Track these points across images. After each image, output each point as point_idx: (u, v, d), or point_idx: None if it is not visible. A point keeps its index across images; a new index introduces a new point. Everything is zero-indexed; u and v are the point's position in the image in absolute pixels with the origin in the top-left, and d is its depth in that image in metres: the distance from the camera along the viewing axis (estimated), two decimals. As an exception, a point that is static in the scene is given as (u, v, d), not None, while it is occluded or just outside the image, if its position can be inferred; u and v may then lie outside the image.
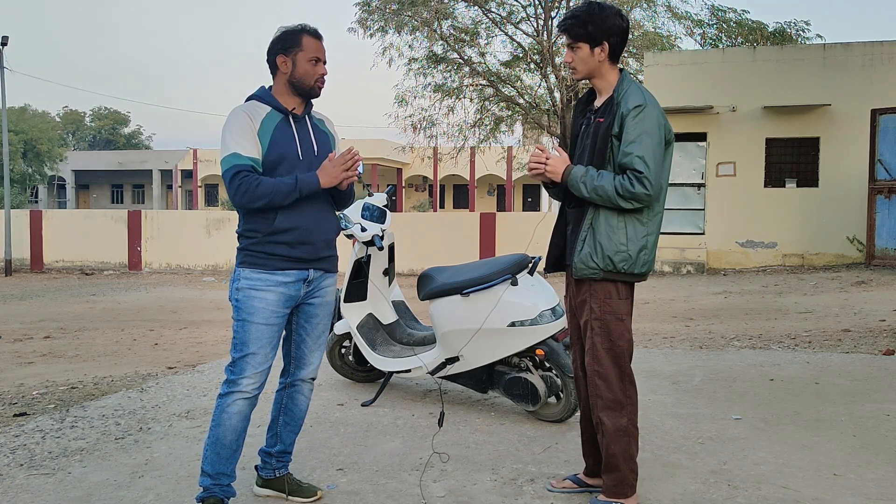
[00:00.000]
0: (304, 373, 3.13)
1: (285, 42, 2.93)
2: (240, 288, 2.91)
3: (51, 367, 6.50)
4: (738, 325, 7.97)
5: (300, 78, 2.93)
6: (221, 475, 2.94)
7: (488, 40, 20.48)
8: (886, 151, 12.23)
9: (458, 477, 3.34)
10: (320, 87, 2.97)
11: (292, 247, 2.91)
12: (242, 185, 2.80)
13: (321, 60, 2.94)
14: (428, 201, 44.20)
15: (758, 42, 19.56)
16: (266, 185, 2.81)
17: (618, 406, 2.88)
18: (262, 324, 2.90)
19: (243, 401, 2.93)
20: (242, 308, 2.90)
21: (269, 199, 2.82)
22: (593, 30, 2.83)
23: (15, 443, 3.91)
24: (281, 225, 2.88)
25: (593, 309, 2.90)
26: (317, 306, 3.08)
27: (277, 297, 2.92)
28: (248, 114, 2.88)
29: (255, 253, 2.91)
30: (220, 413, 2.93)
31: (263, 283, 2.90)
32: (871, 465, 3.42)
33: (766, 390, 4.77)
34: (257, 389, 2.95)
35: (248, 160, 2.83)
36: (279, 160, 2.89)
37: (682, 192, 14.45)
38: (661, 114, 2.83)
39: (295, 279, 2.95)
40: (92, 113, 64.51)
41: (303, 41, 2.91)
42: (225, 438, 2.92)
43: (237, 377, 2.91)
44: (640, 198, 2.75)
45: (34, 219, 18.08)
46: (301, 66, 2.91)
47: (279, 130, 2.91)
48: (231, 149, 2.84)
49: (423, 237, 15.20)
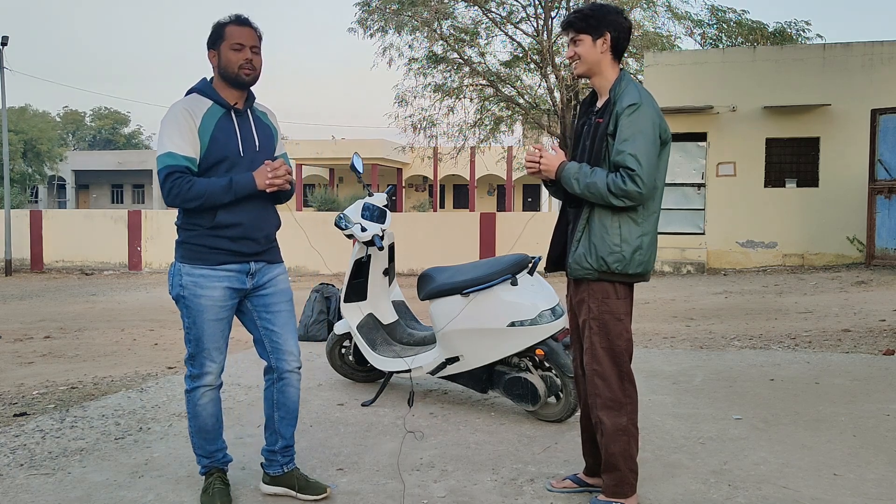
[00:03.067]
0: (288, 363, 3.08)
1: (212, 37, 2.91)
2: (184, 285, 2.90)
3: (51, 367, 6.50)
4: (739, 325, 7.97)
5: (224, 67, 2.88)
6: (215, 452, 3.11)
7: (488, 40, 20.48)
8: (886, 151, 12.23)
9: (458, 477, 3.34)
10: (247, 73, 2.89)
11: (234, 241, 2.90)
12: (175, 187, 2.77)
13: (245, 46, 2.87)
14: (428, 201, 44.16)
15: (758, 42, 19.57)
16: (198, 188, 2.78)
17: (617, 405, 2.88)
18: (212, 320, 2.93)
19: (210, 391, 3.03)
20: (191, 307, 2.91)
21: (202, 202, 2.80)
22: (595, 22, 2.87)
23: (15, 443, 3.91)
24: (222, 221, 2.86)
25: (591, 308, 2.90)
26: (272, 295, 3.05)
27: (223, 293, 2.92)
28: (188, 110, 2.83)
29: (195, 246, 2.90)
30: (193, 407, 3.04)
31: (207, 279, 2.89)
32: (871, 465, 3.42)
33: (766, 390, 4.77)
34: (219, 378, 3.05)
35: (183, 160, 2.79)
36: (220, 158, 2.85)
37: (682, 192, 14.45)
38: (656, 113, 2.84)
39: (237, 272, 2.94)
40: (92, 113, 64.65)
41: (226, 31, 2.88)
42: (206, 424, 3.05)
43: (199, 371, 3.00)
44: (632, 196, 2.75)
45: (34, 219, 18.08)
46: (224, 55, 2.88)
47: (220, 126, 2.87)
48: (166, 147, 2.80)
49: (423, 237, 15.19)
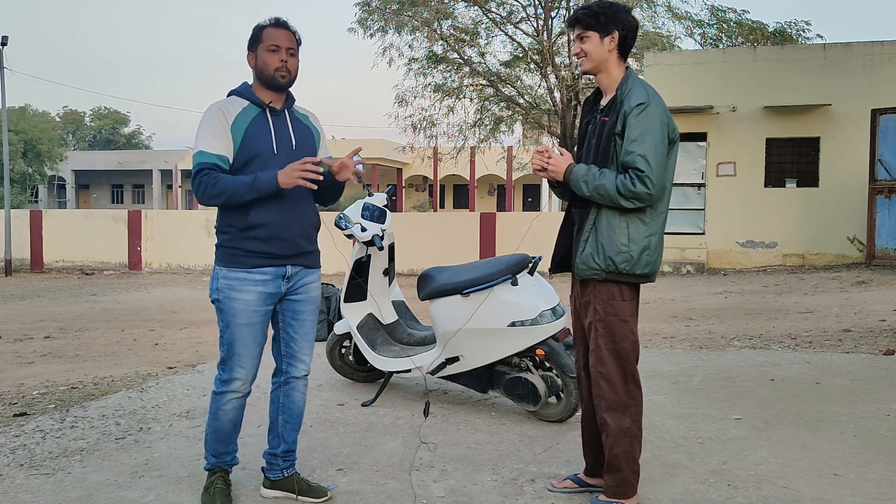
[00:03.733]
0: (298, 370, 3.13)
1: (250, 39, 2.95)
2: (219, 288, 2.94)
3: (51, 367, 6.49)
4: (739, 325, 7.97)
5: (261, 69, 2.92)
6: (225, 454, 3.13)
7: (488, 40, 20.45)
8: (886, 151, 12.24)
9: (459, 477, 3.34)
10: (282, 76, 2.91)
11: (266, 242, 2.91)
12: (202, 183, 2.83)
13: (281, 48, 2.90)
14: (428, 201, 44.17)
15: (758, 42, 19.56)
16: (223, 184, 2.82)
17: (621, 407, 2.86)
18: (245, 324, 2.93)
19: (237, 399, 3.04)
20: (225, 310, 2.94)
21: (225, 198, 2.84)
22: (604, 19, 2.83)
23: (15, 443, 3.90)
24: (254, 220, 2.89)
25: (597, 310, 2.88)
26: (302, 303, 3.07)
27: (257, 297, 2.92)
28: (222, 110, 2.88)
29: (231, 249, 2.94)
30: (216, 410, 3.05)
31: (241, 282, 2.91)
32: (871, 465, 3.41)
33: (766, 390, 4.77)
34: (248, 386, 3.05)
35: (213, 157, 2.84)
36: (252, 155, 2.88)
37: (683, 191, 14.45)
38: (665, 112, 2.81)
39: (273, 276, 2.94)
40: (92, 113, 64.56)
41: (263, 34, 2.92)
42: (223, 428, 3.07)
43: (229, 376, 3.00)
44: (642, 197, 2.73)
45: (34, 219, 18.06)
46: (261, 57, 2.91)
47: (255, 125, 2.90)
48: (198, 146, 2.87)
49: (423, 237, 15.19)
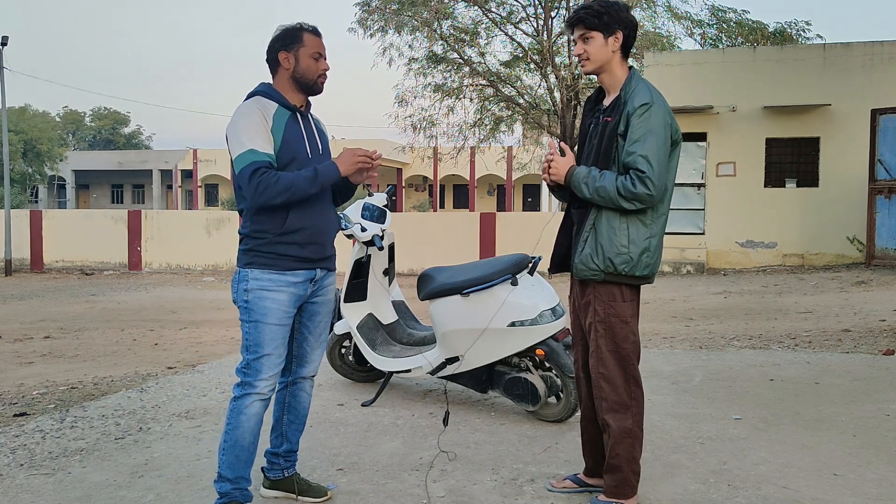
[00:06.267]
0: (306, 371, 3.14)
1: (287, 38, 2.93)
2: (249, 289, 2.88)
3: (51, 367, 6.50)
4: (738, 325, 7.97)
5: (303, 73, 2.93)
6: (241, 479, 2.90)
7: (488, 40, 20.46)
8: (886, 151, 12.24)
9: (459, 477, 3.34)
10: (322, 82, 2.98)
11: (302, 247, 2.91)
12: (262, 182, 2.75)
13: (322, 56, 2.95)
14: (428, 201, 44.18)
15: (758, 42, 19.55)
16: (286, 179, 2.77)
17: (622, 408, 2.86)
18: (275, 324, 2.89)
19: (259, 402, 2.91)
20: (254, 310, 2.87)
21: (290, 194, 2.78)
22: (608, 19, 2.81)
23: (15, 443, 3.91)
24: (293, 225, 2.87)
25: (597, 311, 2.87)
26: (319, 304, 3.09)
27: (288, 297, 2.91)
28: (260, 110, 2.85)
29: (264, 254, 2.89)
30: (236, 416, 2.88)
31: (274, 283, 2.88)
32: (871, 465, 3.42)
33: (766, 390, 4.77)
34: (272, 390, 2.94)
35: (265, 156, 2.79)
36: (290, 158, 2.88)
37: (682, 192, 14.45)
38: (668, 113, 2.79)
39: (304, 279, 2.95)
40: (92, 113, 64.54)
41: (304, 37, 2.93)
42: (243, 440, 2.89)
43: (253, 379, 2.88)
44: (642, 198, 2.71)
45: (34, 219, 18.07)
46: (303, 62, 2.92)
47: (289, 127, 2.91)
48: (247, 145, 2.79)
49: (423, 237, 15.19)
